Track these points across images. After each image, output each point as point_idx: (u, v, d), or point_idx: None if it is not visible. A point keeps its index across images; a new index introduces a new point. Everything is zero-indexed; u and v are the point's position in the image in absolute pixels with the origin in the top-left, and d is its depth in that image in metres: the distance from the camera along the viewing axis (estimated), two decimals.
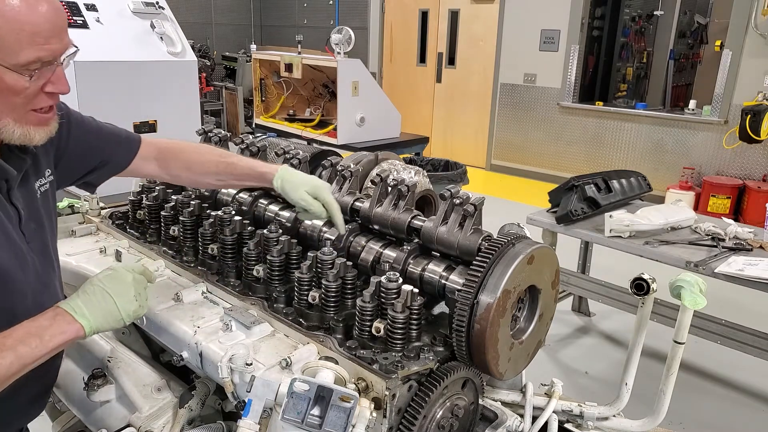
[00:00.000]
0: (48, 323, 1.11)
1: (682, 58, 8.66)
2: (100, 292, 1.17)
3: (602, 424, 1.42)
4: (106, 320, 1.17)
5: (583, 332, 4.05)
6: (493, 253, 1.19)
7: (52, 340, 1.10)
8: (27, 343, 1.07)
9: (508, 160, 8.38)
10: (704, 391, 3.38)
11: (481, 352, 1.16)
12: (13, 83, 1.07)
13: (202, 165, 1.54)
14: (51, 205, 1.36)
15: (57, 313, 1.13)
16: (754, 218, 5.68)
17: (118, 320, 1.18)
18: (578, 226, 3.27)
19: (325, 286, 1.29)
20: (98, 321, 1.15)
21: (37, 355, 1.08)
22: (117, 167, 1.49)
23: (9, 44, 1.04)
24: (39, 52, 1.07)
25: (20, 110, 1.11)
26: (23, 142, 1.15)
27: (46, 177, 1.33)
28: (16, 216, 1.21)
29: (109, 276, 1.21)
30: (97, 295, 1.17)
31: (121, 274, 1.21)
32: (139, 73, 4.13)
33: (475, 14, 8.38)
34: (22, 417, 1.38)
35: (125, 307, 1.18)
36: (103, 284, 1.18)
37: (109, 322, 1.17)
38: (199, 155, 1.55)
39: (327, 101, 6.69)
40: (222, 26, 11.43)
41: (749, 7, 5.99)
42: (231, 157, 1.55)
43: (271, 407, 1.10)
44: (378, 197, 1.50)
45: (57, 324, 1.12)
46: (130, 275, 1.22)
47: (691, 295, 1.26)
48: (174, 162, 1.54)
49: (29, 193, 1.27)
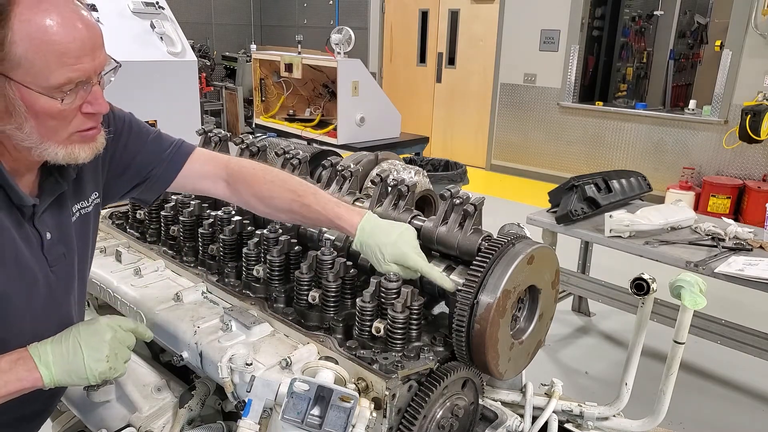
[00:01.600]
0: (8, 367, 1.05)
1: (682, 58, 8.66)
2: (73, 343, 1.10)
3: (602, 424, 1.42)
4: (69, 375, 1.09)
5: (583, 332, 4.05)
6: (493, 253, 1.19)
7: (6, 386, 1.04)
8: None
9: (508, 160, 8.38)
10: (704, 391, 3.38)
11: (481, 352, 1.16)
12: (47, 107, 1.01)
13: (272, 200, 1.37)
14: (90, 228, 1.30)
15: (21, 356, 1.07)
16: (754, 218, 5.67)
17: (82, 378, 1.10)
18: (578, 226, 3.27)
19: (325, 286, 1.29)
20: (60, 374, 1.08)
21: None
22: (163, 183, 1.37)
23: (38, 67, 0.98)
24: (70, 72, 1.00)
25: (62, 133, 1.06)
26: (69, 161, 1.09)
27: (89, 200, 1.27)
28: (37, 240, 1.15)
29: (89, 328, 1.14)
30: (69, 346, 1.10)
31: (101, 329, 1.14)
32: (139, 73, 4.13)
33: (475, 14, 8.38)
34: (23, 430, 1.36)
35: (92, 366, 1.10)
36: (79, 335, 1.12)
37: (73, 378, 1.10)
38: (270, 189, 1.37)
39: (327, 101, 6.69)
40: (222, 26, 11.43)
41: (749, 7, 5.99)
42: (306, 197, 1.34)
43: (271, 407, 1.10)
44: (378, 197, 1.50)
45: (16, 370, 1.06)
46: (110, 333, 1.14)
47: (691, 295, 1.25)
48: (244, 188, 1.39)
49: (62, 217, 1.21)
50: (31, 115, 1.01)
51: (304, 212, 1.35)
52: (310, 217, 1.35)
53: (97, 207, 1.30)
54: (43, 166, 1.14)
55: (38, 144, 1.04)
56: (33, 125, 1.02)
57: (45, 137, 1.04)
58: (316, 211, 1.33)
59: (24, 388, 1.07)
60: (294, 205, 1.35)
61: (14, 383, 1.05)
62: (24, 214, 1.13)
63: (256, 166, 1.42)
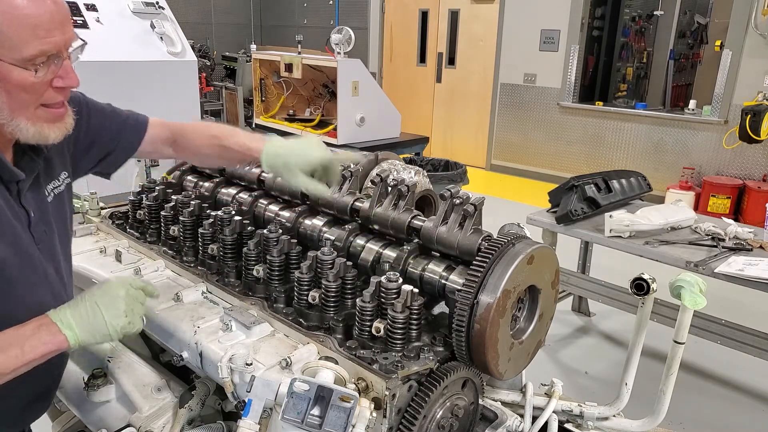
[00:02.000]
0: (31, 333, 1.09)
1: (682, 58, 8.66)
2: (90, 305, 1.15)
3: (602, 424, 1.42)
4: (92, 334, 1.14)
5: (583, 332, 4.05)
6: (493, 253, 1.19)
7: (33, 351, 1.08)
8: (6, 352, 1.05)
9: (508, 160, 8.38)
10: (704, 391, 3.38)
11: (481, 352, 1.16)
12: (20, 79, 1.06)
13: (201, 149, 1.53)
14: (66, 208, 1.35)
15: (42, 323, 1.11)
16: (754, 218, 5.67)
17: (104, 335, 1.15)
18: (578, 226, 3.27)
19: (325, 286, 1.29)
20: (84, 334, 1.13)
21: (13, 366, 1.06)
22: (128, 151, 1.48)
23: (11, 39, 1.03)
24: (42, 45, 1.05)
25: (31, 107, 1.10)
26: (38, 141, 1.14)
27: (60, 179, 1.32)
28: (26, 218, 1.20)
29: (101, 288, 1.18)
30: (87, 308, 1.14)
31: (113, 287, 1.19)
32: (139, 73, 4.13)
33: (475, 14, 8.38)
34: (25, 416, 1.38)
35: (113, 322, 1.15)
36: (94, 297, 1.16)
37: (96, 337, 1.14)
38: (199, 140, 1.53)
39: (327, 101, 6.69)
40: (222, 26, 11.43)
41: (749, 7, 5.99)
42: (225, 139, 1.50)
43: (271, 407, 1.10)
44: (378, 197, 1.50)
45: (40, 334, 1.09)
46: (124, 290, 1.19)
47: (691, 295, 1.25)
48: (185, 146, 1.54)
49: (40, 196, 1.25)
50: (4, 88, 1.06)
51: (224, 153, 1.50)
52: (230, 156, 1.51)
53: (68, 186, 1.36)
54: (16, 145, 1.19)
55: (9, 120, 1.09)
56: (5, 100, 1.07)
57: (15, 112, 1.09)
58: (233, 150, 1.48)
59: (50, 352, 1.10)
60: (216, 148, 1.50)
61: (40, 347, 1.08)
62: (11, 191, 1.17)
63: (185, 123, 1.57)
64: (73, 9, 4.01)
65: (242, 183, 1.83)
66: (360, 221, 1.55)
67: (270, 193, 1.75)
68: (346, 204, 1.55)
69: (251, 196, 1.75)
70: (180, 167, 2.02)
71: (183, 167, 2.01)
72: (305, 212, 1.63)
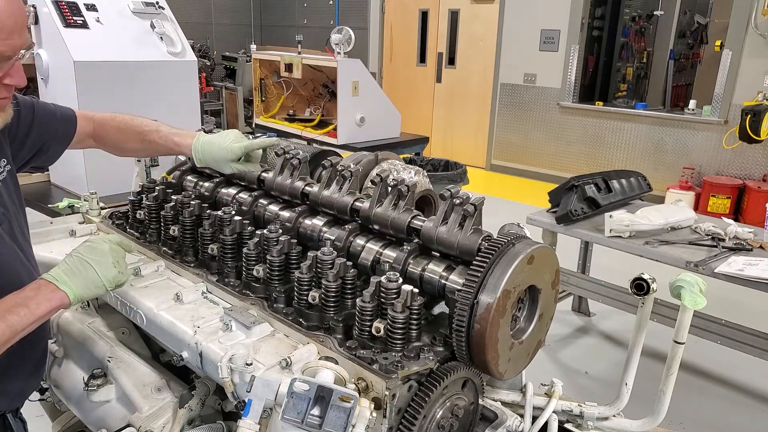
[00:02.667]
0: (33, 294, 1.17)
1: (682, 58, 8.66)
2: (80, 262, 1.24)
3: (602, 424, 1.42)
4: (88, 288, 1.24)
5: (583, 332, 4.05)
6: (493, 253, 1.18)
7: (39, 307, 1.16)
8: (16, 312, 1.13)
9: (508, 160, 8.38)
10: (704, 391, 3.38)
11: (481, 352, 1.16)
12: None
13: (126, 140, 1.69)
14: (13, 193, 1.41)
15: (40, 284, 1.20)
16: (754, 218, 5.68)
17: (99, 287, 1.25)
18: (578, 226, 3.27)
19: (325, 286, 1.29)
20: (80, 288, 1.22)
21: (26, 323, 1.14)
22: (63, 144, 1.58)
23: None
24: (2, 47, 1.13)
25: None
26: None
27: (2, 167, 1.38)
28: None
29: (87, 246, 1.28)
30: (77, 265, 1.24)
31: (98, 243, 1.29)
32: (139, 73, 4.13)
33: (475, 14, 8.38)
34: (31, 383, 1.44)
35: (105, 274, 1.25)
36: (81, 254, 1.25)
37: (92, 290, 1.24)
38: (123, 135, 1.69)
39: (327, 101, 6.69)
40: (222, 26, 11.43)
41: (749, 7, 5.99)
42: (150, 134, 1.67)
43: (271, 407, 1.10)
44: (378, 197, 1.50)
45: (42, 293, 1.18)
46: (107, 245, 1.29)
47: (691, 295, 1.25)
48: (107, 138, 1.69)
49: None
50: None
51: (149, 147, 1.69)
52: (154, 149, 1.71)
53: (10, 173, 1.42)
54: None
55: None
56: None
57: None
58: (158, 144, 1.67)
59: (54, 308, 1.19)
60: (139, 143, 1.68)
61: (45, 304, 1.17)
62: None
63: (106, 116, 1.69)
64: (73, 9, 4.01)
65: (242, 183, 1.83)
66: (360, 221, 1.55)
67: (270, 193, 1.75)
68: (346, 204, 1.55)
69: (251, 196, 1.74)
70: (180, 167, 2.02)
71: (183, 167, 2.01)
72: (305, 212, 1.63)
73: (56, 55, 3.97)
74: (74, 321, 1.73)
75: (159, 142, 1.67)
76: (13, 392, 1.37)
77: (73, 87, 3.77)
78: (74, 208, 1.99)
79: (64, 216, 1.95)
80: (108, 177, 3.29)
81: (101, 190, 2.09)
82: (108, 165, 3.45)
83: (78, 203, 2.00)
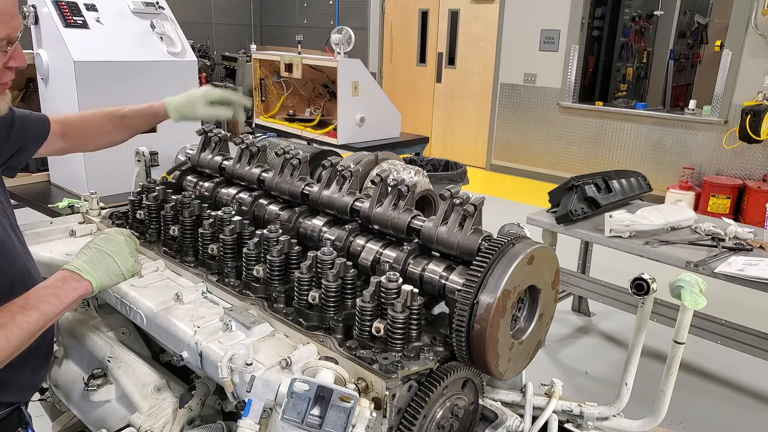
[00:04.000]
0: (60, 284, 1.23)
1: (682, 58, 8.67)
2: (99, 253, 1.30)
3: (602, 424, 1.42)
4: (109, 277, 1.29)
5: (583, 332, 4.05)
6: (493, 253, 1.18)
7: (67, 296, 1.22)
8: (47, 301, 1.19)
9: (508, 160, 8.38)
10: (704, 391, 3.38)
11: (481, 352, 1.16)
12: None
13: (98, 127, 1.74)
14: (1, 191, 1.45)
15: (65, 275, 1.25)
16: (754, 218, 5.68)
17: (119, 275, 1.31)
18: (578, 226, 3.27)
19: (325, 286, 1.29)
20: (102, 278, 1.28)
21: (56, 311, 1.21)
22: (33, 148, 1.61)
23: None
24: (7, 29, 1.20)
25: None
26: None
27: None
28: None
29: (104, 238, 1.33)
30: (97, 255, 1.29)
31: (113, 235, 1.34)
32: (139, 73, 4.12)
33: (475, 14, 8.38)
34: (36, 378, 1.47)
35: (124, 263, 1.31)
36: (100, 246, 1.31)
37: (112, 278, 1.30)
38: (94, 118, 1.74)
39: (327, 101, 6.69)
40: (222, 26, 11.43)
41: (749, 7, 5.99)
42: (119, 110, 1.76)
43: (271, 407, 1.10)
44: (378, 197, 1.50)
45: (68, 283, 1.24)
46: (121, 236, 1.35)
47: (691, 295, 1.26)
48: (76, 134, 1.72)
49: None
50: None
51: (124, 122, 1.76)
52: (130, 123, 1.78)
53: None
54: None
55: None
56: None
57: None
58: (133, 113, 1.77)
59: (80, 296, 1.25)
60: (116, 120, 1.75)
61: (72, 293, 1.23)
62: None
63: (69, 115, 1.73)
64: (73, 9, 4.01)
65: (242, 183, 1.83)
66: (360, 221, 1.55)
67: (270, 193, 1.75)
68: (346, 204, 1.55)
69: (251, 196, 1.75)
70: (180, 167, 2.02)
71: (183, 167, 2.01)
72: (305, 212, 1.63)
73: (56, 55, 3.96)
74: (74, 321, 1.73)
75: (133, 111, 1.76)
76: (24, 383, 1.41)
77: (73, 87, 3.77)
78: (74, 208, 1.99)
79: (64, 216, 1.95)
80: (108, 177, 3.29)
81: (101, 190, 2.08)
82: (108, 165, 3.46)
83: (78, 203, 2.00)
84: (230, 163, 1.85)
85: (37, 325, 1.17)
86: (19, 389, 1.40)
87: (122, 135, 1.81)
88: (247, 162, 1.81)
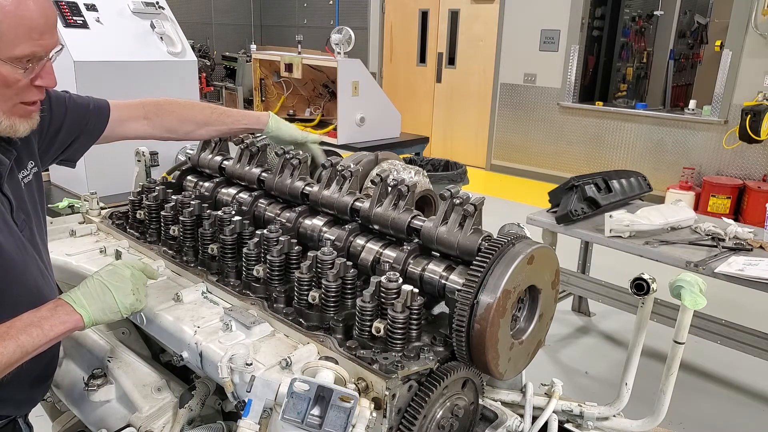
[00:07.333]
0: (49, 314, 1.16)
1: (682, 58, 8.66)
2: (99, 285, 1.23)
3: (602, 424, 1.42)
4: (104, 312, 1.22)
5: (583, 332, 4.05)
6: (493, 253, 1.18)
7: (53, 330, 1.15)
8: (28, 333, 1.12)
9: (508, 160, 8.38)
10: (704, 391, 3.38)
11: (481, 352, 1.16)
12: (7, 75, 1.12)
13: (195, 117, 1.69)
14: (36, 196, 1.40)
15: (58, 304, 1.18)
16: (754, 218, 5.68)
17: (115, 312, 1.23)
18: (578, 226, 3.27)
19: (325, 286, 1.29)
20: (96, 313, 1.21)
21: (37, 344, 1.13)
22: (93, 135, 1.56)
23: (7, 38, 1.08)
24: (34, 47, 1.12)
25: (9, 102, 1.16)
26: (8, 133, 1.20)
27: (28, 169, 1.37)
28: (8, 206, 1.25)
29: (108, 271, 1.27)
30: (96, 288, 1.22)
31: (119, 269, 1.27)
32: (139, 73, 4.12)
33: (475, 14, 8.38)
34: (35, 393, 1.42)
35: (122, 300, 1.24)
36: (102, 278, 1.24)
37: (107, 315, 1.22)
38: (191, 108, 1.71)
39: (327, 101, 6.69)
40: (222, 26, 11.43)
41: (749, 7, 5.99)
42: (220, 108, 1.74)
43: (271, 407, 1.10)
44: (378, 197, 1.50)
45: (57, 315, 1.16)
46: (129, 270, 1.28)
47: (691, 295, 1.25)
48: (167, 117, 1.67)
49: (16, 184, 1.30)
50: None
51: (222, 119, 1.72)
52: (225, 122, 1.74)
53: (36, 175, 1.40)
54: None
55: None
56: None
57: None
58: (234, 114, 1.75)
59: (68, 330, 1.18)
60: (213, 115, 1.71)
61: (59, 326, 1.16)
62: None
63: (161, 99, 1.69)
64: (73, 9, 4.01)
65: (242, 183, 1.83)
66: (360, 221, 1.55)
67: (270, 193, 1.75)
68: (346, 204, 1.55)
69: (251, 196, 1.74)
70: (180, 167, 2.02)
71: (183, 167, 2.01)
72: (305, 212, 1.63)
73: None
74: None
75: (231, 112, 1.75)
76: (19, 399, 1.36)
77: (73, 87, 3.77)
78: (74, 208, 1.99)
79: (64, 216, 1.95)
80: (108, 177, 3.29)
81: (101, 190, 2.08)
82: (108, 165, 3.45)
83: (78, 203, 2.00)
84: (230, 163, 1.85)
85: (12, 357, 1.09)
86: (15, 404, 1.35)
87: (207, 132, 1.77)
88: (247, 162, 1.81)
